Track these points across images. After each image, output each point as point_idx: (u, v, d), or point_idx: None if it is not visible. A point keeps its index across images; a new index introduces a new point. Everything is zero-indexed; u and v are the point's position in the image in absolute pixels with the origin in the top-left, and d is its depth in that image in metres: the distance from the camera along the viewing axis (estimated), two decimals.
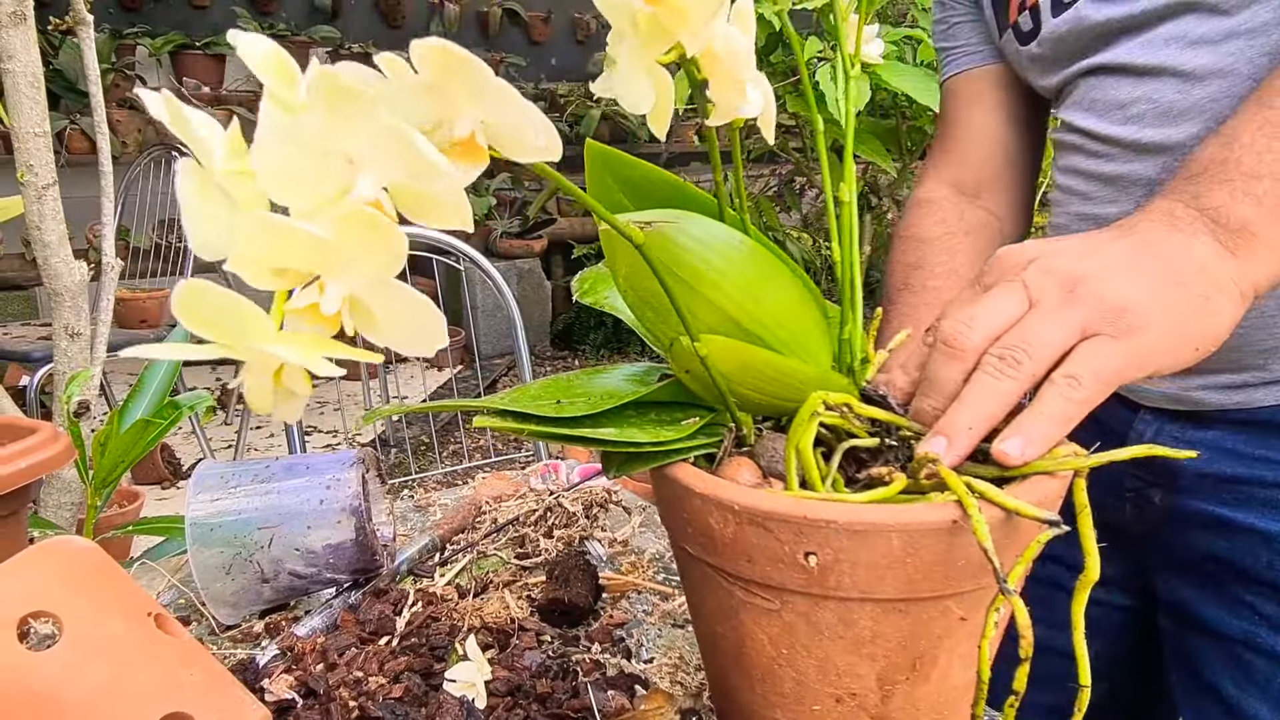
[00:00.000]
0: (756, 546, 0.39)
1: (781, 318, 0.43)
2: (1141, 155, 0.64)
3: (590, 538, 0.79)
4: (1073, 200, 0.71)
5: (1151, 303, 0.40)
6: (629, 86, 0.34)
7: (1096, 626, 0.75)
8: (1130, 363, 0.39)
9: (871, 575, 0.37)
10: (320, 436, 3.07)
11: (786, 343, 0.43)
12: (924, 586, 0.38)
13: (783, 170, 3.33)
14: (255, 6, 4.21)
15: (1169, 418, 0.69)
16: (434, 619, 0.65)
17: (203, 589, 0.65)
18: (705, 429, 0.45)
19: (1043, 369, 0.39)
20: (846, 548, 0.37)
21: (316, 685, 0.56)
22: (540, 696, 0.56)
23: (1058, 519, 0.36)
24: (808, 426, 0.41)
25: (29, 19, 1.02)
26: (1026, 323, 0.40)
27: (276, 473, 0.68)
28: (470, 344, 3.71)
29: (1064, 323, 0.40)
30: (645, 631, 0.66)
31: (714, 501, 0.40)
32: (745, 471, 0.43)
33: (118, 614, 0.42)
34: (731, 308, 0.41)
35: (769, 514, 0.38)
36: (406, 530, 0.86)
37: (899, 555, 0.37)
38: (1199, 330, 0.41)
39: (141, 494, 2.06)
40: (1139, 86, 0.63)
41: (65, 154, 3.27)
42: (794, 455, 0.41)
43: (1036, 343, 0.39)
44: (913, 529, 0.37)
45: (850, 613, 0.39)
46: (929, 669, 0.40)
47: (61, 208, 1.10)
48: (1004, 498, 0.37)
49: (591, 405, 0.43)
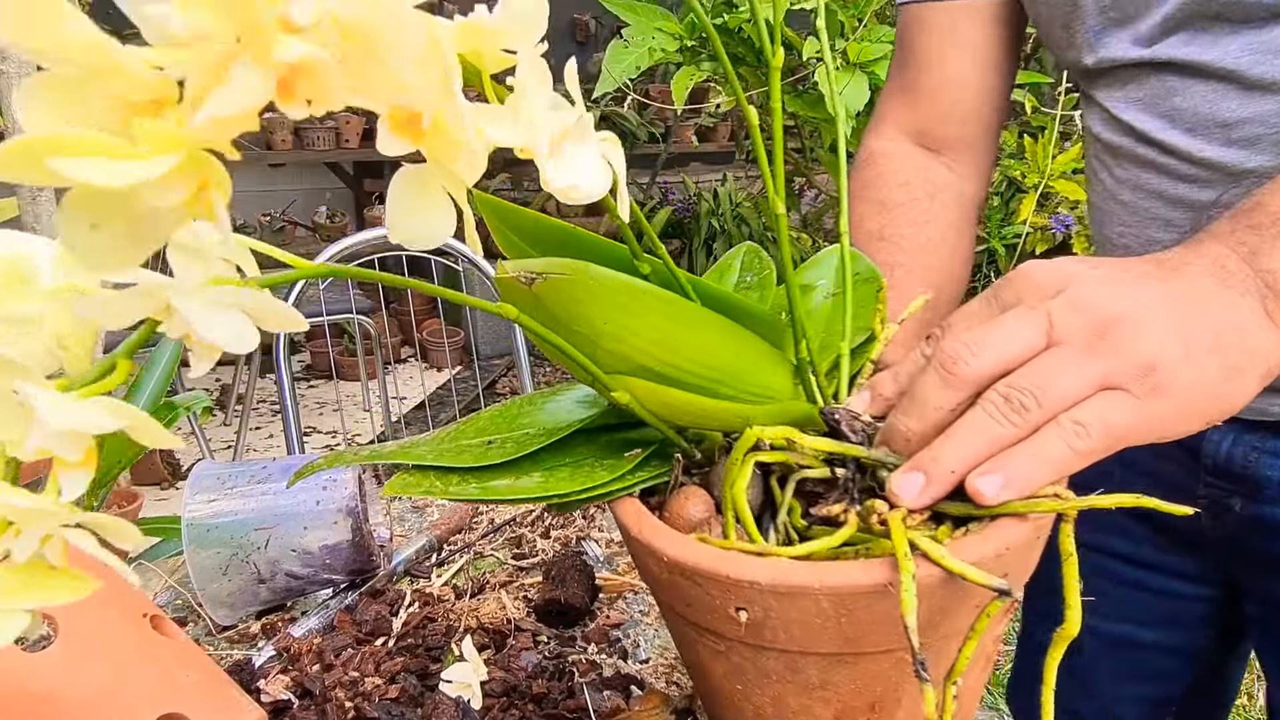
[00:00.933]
0: (690, 595, 0.37)
1: (705, 359, 0.39)
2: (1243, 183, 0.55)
3: (587, 538, 0.79)
4: (1147, 225, 0.61)
5: (1182, 365, 0.36)
6: (411, 220, 0.26)
7: (1178, 620, 0.75)
8: (1142, 425, 0.35)
9: (806, 633, 0.35)
10: (319, 437, 3.07)
11: (720, 381, 0.39)
12: (867, 642, 0.35)
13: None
14: None
15: (1246, 427, 0.63)
16: (430, 620, 0.65)
17: (199, 590, 0.65)
18: (656, 455, 0.42)
19: (1049, 420, 0.35)
20: (775, 607, 0.34)
21: (313, 686, 0.56)
22: (536, 697, 0.56)
23: (1007, 587, 0.32)
24: (742, 469, 0.38)
25: None
26: (1043, 364, 0.35)
27: (273, 474, 0.68)
28: (469, 344, 3.71)
29: (1085, 372, 0.35)
30: (642, 632, 0.66)
31: (646, 548, 0.38)
32: (694, 504, 0.40)
33: (114, 615, 0.42)
34: (639, 356, 0.38)
35: (694, 570, 0.36)
36: (403, 531, 0.86)
37: (831, 615, 0.34)
38: (1219, 405, 0.37)
39: (140, 495, 2.06)
40: (1250, 103, 0.53)
41: None
42: (729, 499, 0.38)
43: (1051, 390, 0.35)
44: (842, 592, 0.33)
45: (794, 661, 0.36)
46: (891, 709, 0.38)
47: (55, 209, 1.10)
48: (949, 560, 0.33)
49: (521, 446, 0.40)
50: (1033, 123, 2.65)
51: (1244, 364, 0.37)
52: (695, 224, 3.70)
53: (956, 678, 0.34)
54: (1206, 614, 0.75)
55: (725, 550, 0.36)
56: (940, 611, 0.34)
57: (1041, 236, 2.58)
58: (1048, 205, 2.58)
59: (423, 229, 0.26)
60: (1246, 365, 0.38)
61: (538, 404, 0.45)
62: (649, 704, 0.55)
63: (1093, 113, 0.64)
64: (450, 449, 0.41)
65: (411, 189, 0.25)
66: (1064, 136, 2.58)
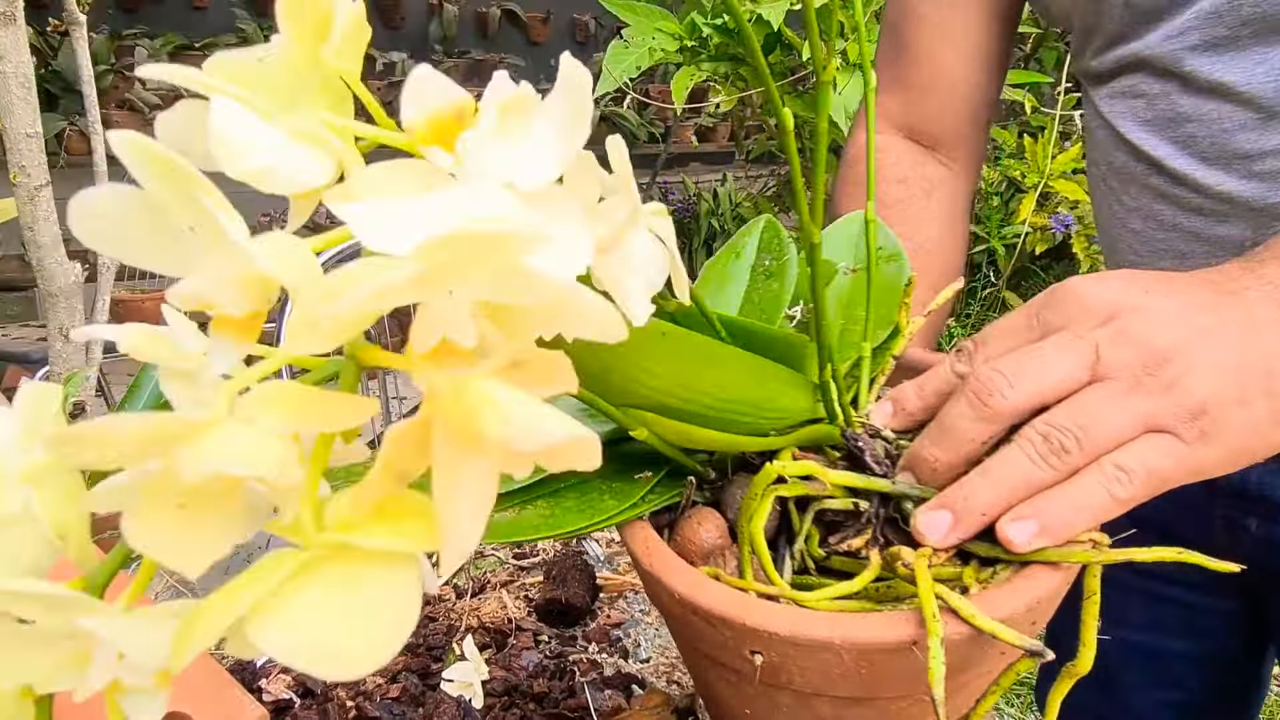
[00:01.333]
0: (703, 632, 0.35)
1: (723, 393, 0.37)
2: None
3: (587, 537, 0.79)
4: (1160, 257, 0.57)
5: (1234, 409, 0.33)
6: None
7: (1203, 630, 0.74)
8: (1187, 469, 0.33)
9: (824, 680, 0.33)
10: None
11: (738, 411, 0.38)
12: (885, 689, 0.33)
13: (782, 170, 3.33)
14: (254, 7, 4.21)
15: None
16: (431, 619, 0.65)
17: (201, 589, 0.65)
18: (667, 476, 0.40)
19: (1090, 462, 0.32)
20: (792, 654, 0.33)
21: (314, 685, 0.56)
22: (537, 696, 0.56)
23: (1041, 649, 0.30)
24: (761, 505, 0.36)
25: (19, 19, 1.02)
26: (1088, 402, 0.33)
27: None
28: None
29: (1132, 413, 0.33)
30: (642, 631, 0.66)
31: (656, 581, 0.36)
32: (708, 528, 0.38)
33: None
34: (659, 397, 0.36)
35: (708, 611, 0.34)
36: None
37: (851, 667, 0.32)
38: (1264, 448, 0.34)
39: None
40: (1271, 134, 0.49)
41: (64, 155, 3.27)
42: (746, 534, 0.36)
43: (1094, 431, 0.32)
44: (863, 647, 0.32)
45: (809, 700, 0.34)
46: None
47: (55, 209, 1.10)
48: (980, 619, 0.31)
49: (536, 470, 0.39)
50: (1032, 123, 2.66)
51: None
52: (695, 224, 3.71)
53: (984, 711, 0.33)
54: (1231, 624, 0.73)
55: (741, 593, 0.34)
56: (963, 662, 0.33)
57: (1041, 236, 2.58)
58: (1047, 205, 2.58)
59: None
60: None
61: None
62: (650, 703, 0.55)
63: (1102, 130, 0.62)
64: None
65: None
66: (1064, 136, 2.58)
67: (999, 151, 2.75)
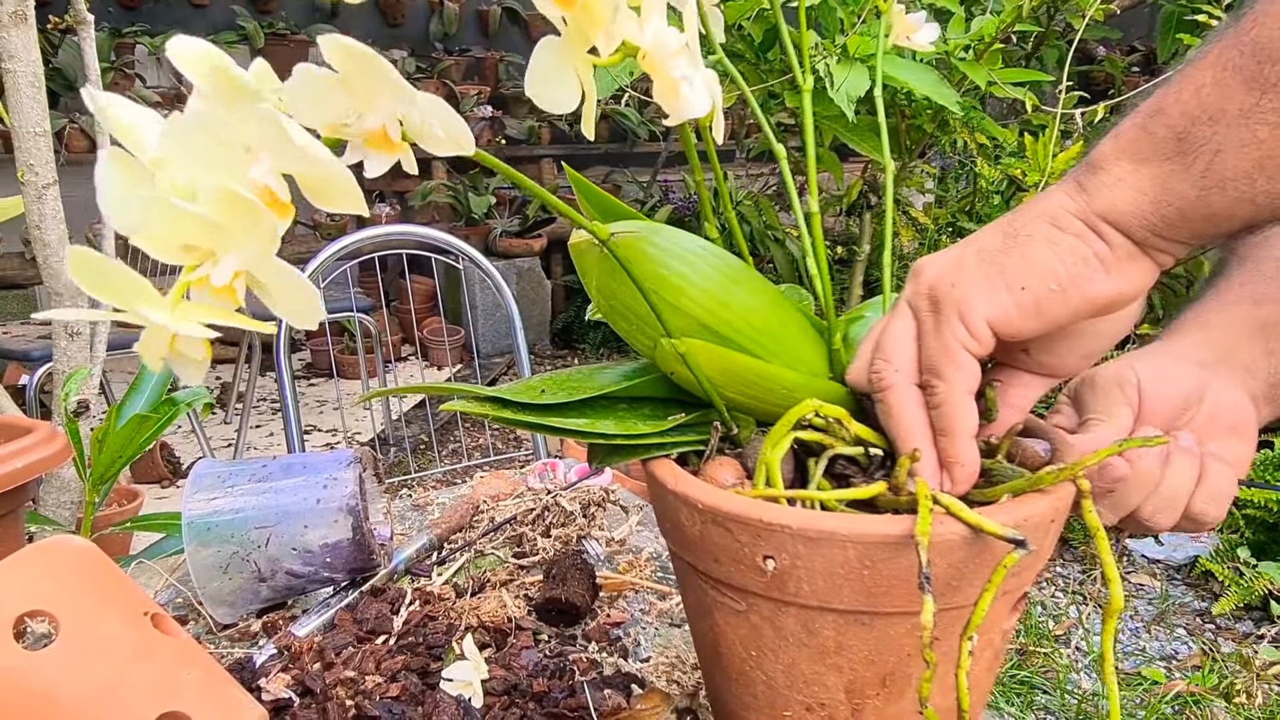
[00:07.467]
0: (720, 546, 0.40)
1: (757, 323, 0.43)
2: None
3: (588, 537, 0.79)
4: None
5: (951, 269, 0.39)
6: (546, 86, 0.33)
7: None
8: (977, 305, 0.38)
9: (829, 585, 0.37)
10: (320, 435, 3.06)
11: (768, 348, 0.43)
12: (885, 601, 0.37)
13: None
14: (255, 5, 4.20)
15: None
16: (431, 618, 0.65)
17: (200, 588, 0.65)
18: (695, 426, 0.45)
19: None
20: (802, 554, 0.37)
21: (313, 684, 0.56)
22: (537, 695, 0.56)
23: (1022, 538, 0.35)
24: (786, 436, 0.41)
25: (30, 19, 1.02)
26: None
27: (274, 472, 0.68)
28: (469, 343, 3.71)
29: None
30: (642, 630, 0.66)
31: (682, 499, 0.41)
32: (727, 471, 0.43)
33: (115, 613, 0.42)
34: (701, 313, 0.42)
35: (728, 514, 0.39)
36: (404, 529, 0.86)
37: (855, 566, 0.37)
38: (1014, 267, 0.38)
39: (141, 493, 2.06)
40: None
41: (65, 153, 3.27)
42: (764, 459, 0.41)
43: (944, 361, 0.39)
44: (868, 540, 0.36)
45: (812, 620, 0.39)
46: (902, 687, 0.40)
47: (61, 207, 1.10)
48: (966, 512, 0.36)
49: (571, 395, 0.44)
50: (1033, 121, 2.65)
51: (1035, 232, 0.38)
52: (696, 222, 3.71)
53: (972, 632, 0.36)
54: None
55: (758, 498, 0.39)
56: (958, 574, 0.37)
57: None
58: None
59: (552, 95, 0.33)
60: (1038, 231, 0.38)
61: (587, 373, 0.48)
62: (650, 702, 0.55)
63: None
64: (506, 391, 0.45)
65: (549, 58, 0.33)
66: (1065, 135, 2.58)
67: (999, 150, 2.75)
